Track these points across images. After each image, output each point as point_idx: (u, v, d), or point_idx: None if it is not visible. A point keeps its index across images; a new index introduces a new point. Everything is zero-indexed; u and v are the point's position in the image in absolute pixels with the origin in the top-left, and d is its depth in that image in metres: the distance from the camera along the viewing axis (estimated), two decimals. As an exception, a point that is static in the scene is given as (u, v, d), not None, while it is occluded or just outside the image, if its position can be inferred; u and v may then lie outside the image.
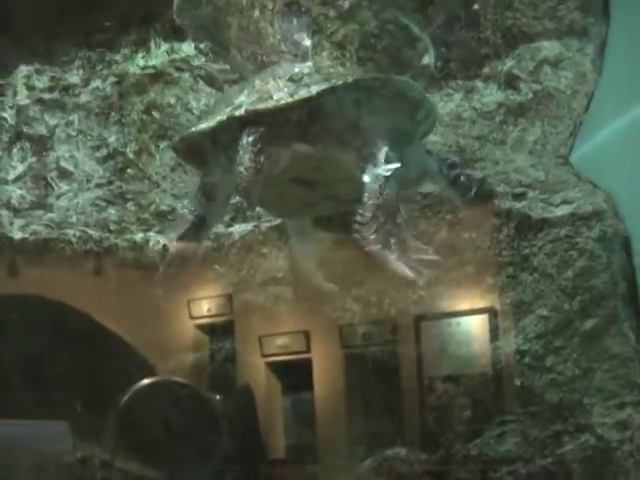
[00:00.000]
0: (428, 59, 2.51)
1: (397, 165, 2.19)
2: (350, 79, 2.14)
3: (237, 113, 2.16)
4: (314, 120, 2.16)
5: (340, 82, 2.12)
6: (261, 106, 2.14)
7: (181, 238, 2.34)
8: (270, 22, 2.36)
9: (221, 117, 2.20)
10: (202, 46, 2.81)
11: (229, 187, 2.28)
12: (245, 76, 2.45)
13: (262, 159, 2.15)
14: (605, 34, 3.00)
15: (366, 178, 2.13)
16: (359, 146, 2.21)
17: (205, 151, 2.30)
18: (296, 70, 2.21)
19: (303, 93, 2.11)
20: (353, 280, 3.27)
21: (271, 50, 2.34)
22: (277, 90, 2.16)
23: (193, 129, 2.26)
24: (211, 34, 2.58)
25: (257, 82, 2.24)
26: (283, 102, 2.12)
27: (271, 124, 2.16)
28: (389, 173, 2.15)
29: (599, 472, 2.85)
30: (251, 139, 2.16)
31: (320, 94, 2.12)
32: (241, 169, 2.16)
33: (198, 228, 2.34)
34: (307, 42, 2.33)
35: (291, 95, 2.13)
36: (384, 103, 2.23)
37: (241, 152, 2.17)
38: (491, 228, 3.08)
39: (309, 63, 2.28)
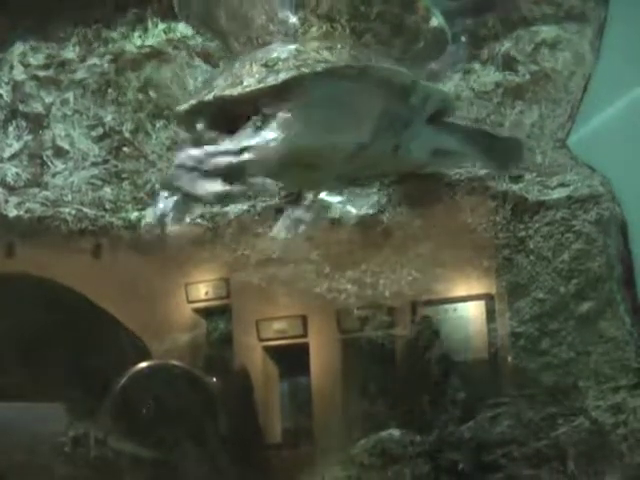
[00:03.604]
0: (436, 21, 2.46)
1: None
2: (320, 68, 2.10)
3: (206, 98, 2.16)
4: (285, 107, 2.13)
5: (308, 71, 2.08)
6: (227, 93, 2.12)
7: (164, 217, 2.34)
8: (253, 3, 2.34)
9: (193, 101, 2.20)
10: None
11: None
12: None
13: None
14: (604, 18, 3.00)
15: None
16: (339, 133, 2.20)
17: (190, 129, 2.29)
18: (274, 55, 2.18)
19: (270, 80, 2.09)
20: (350, 263, 3.28)
21: (262, 32, 2.33)
22: (249, 76, 2.13)
23: (182, 106, 2.26)
24: (209, 27, 2.57)
25: (237, 65, 2.22)
26: (248, 90, 2.10)
27: (238, 110, 2.14)
28: None
29: (593, 455, 2.84)
30: (218, 126, 2.15)
31: (286, 82, 2.09)
32: (209, 158, 2.14)
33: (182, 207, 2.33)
34: (293, 19, 2.30)
35: (259, 82, 2.10)
36: (365, 90, 2.20)
37: (207, 139, 2.16)
38: (487, 210, 3.07)
39: (293, 46, 2.24)
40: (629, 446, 2.80)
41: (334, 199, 3.16)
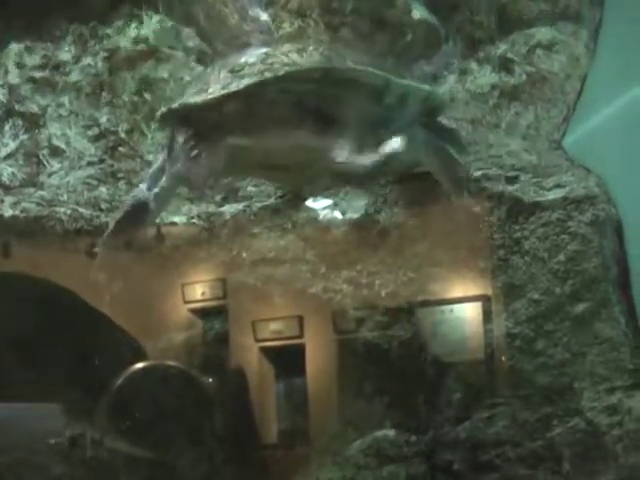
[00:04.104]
0: (419, 13, 2.44)
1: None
2: (282, 72, 2.09)
3: (173, 107, 2.16)
4: (251, 112, 2.13)
5: (270, 75, 2.08)
6: (192, 100, 2.13)
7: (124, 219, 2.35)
8: (224, 3, 2.34)
9: (163, 109, 2.21)
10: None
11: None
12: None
13: (196, 154, 2.14)
14: (599, 18, 3.00)
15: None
16: (307, 135, 2.19)
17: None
18: (242, 60, 2.18)
19: (233, 86, 2.09)
20: (346, 263, 3.28)
21: (238, 31, 2.33)
22: (215, 82, 2.14)
23: (159, 112, 2.26)
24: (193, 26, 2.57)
25: (207, 71, 2.23)
26: (211, 97, 2.10)
27: (204, 117, 2.14)
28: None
29: (588, 456, 2.84)
30: (184, 135, 2.16)
31: (248, 87, 2.09)
32: (178, 165, 2.15)
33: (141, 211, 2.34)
34: (264, 16, 2.30)
35: (223, 88, 2.10)
36: (334, 92, 2.19)
37: (176, 148, 2.16)
38: (483, 211, 3.07)
39: (265, 50, 2.23)
40: (624, 447, 2.80)
41: (330, 200, 3.17)
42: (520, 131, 3.10)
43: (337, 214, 3.26)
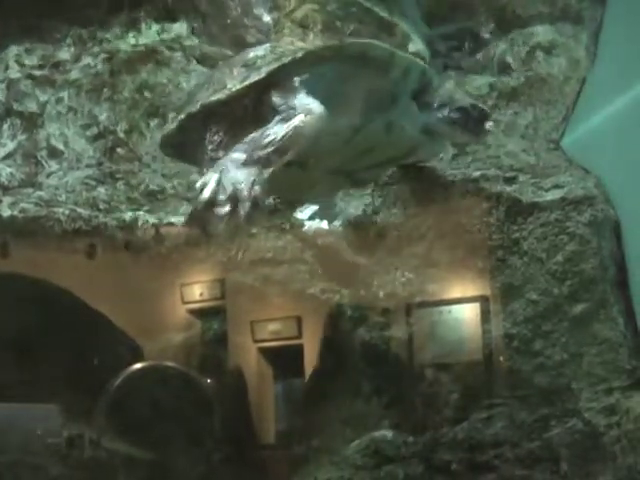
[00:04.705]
0: (414, 47, 2.48)
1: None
2: (300, 54, 2.10)
3: (193, 109, 2.16)
4: (271, 100, 2.13)
5: (289, 59, 2.08)
6: (213, 98, 2.13)
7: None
8: None
9: (181, 116, 2.21)
10: (195, 25, 2.81)
11: None
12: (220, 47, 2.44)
13: (222, 153, 2.13)
14: (600, 19, 3.00)
15: None
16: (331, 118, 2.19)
17: (186, 148, 2.30)
18: (251, 55, 2.18)
19: (253, 76, 2.09)
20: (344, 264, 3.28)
21: (237, 23, 2.33)
22: (231, 78, 2.14)
23: (169, 128, 2.26)
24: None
25: (217, 75, 2.23)
26: (234, 89, 2.10)
27: (227, 113, 2.14)
28: None
29: (586, 457, 2.84)
30: (211, 136, 2.15)
31: (271, 74, 2.09)
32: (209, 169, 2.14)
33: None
34: (267, 18, 2.31)
35: (242, 81, 2.10)
36: (346, 70, 2.20)
37: (205, 154, 2.16)
38: (481, 212, 3.07)
39: (267, 44, 2.24)
40: (622, 447, 2.80)
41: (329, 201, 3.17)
42: (519, 132, 3.11)
43: (323, 224, 3.27)
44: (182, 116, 2.21)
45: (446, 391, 3.10)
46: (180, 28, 2.85)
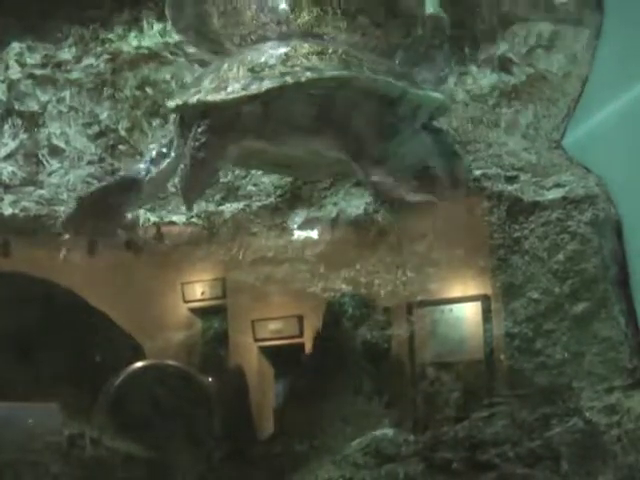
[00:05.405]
0: (432, 7, 2.43)
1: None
2: (303, 78, 2.08)
3: (190, 101, 2.15)
4: (269, 115, 2.12)
5: (292, 81, 2.07)
6: (210, 98, 2.11)
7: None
8: None
9: (179, 101, 2.20)
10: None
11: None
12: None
13: (203, 154, 2.12)
14: (600, 18, 3.00)
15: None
16: (320, 144, 2.18)
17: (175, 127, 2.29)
18: (262, 59, 2.16)
19: (253, 88, 2.07)
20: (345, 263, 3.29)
21: (254, 24, 2.31)
22: (234, 81, 2.12)
23: (169, 103, 2.25)
24: (201, 34, 2.56)
25: (225, 66, 2.21)
26: (231, 97, 2.08)
27: (220, 116, 2.13)
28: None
29: (587, 456, 2.84)
30: (198, 132, 2.14)
31: (269, 91, 2.08)
32: (184, 162, 2.14)
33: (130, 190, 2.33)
34: (283, 5, 2.29)
35: (243, 89, 2.09)
36: (349, 100, 2.18)
37: (188, 144, 2.15)
38: (483, 211, 3.07)
39: (284, 49, 2.21)
40: (623, 447, 2.80)
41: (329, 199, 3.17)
42: (520, 130, 3.10)
43: (313, 234, 3.27)
44: (179, 101, 2.20)
45: (447, 390, 3.10)
46: (181, 31, 2.85)
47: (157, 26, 2.82)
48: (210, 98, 2.11)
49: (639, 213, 2.92)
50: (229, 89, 2.10)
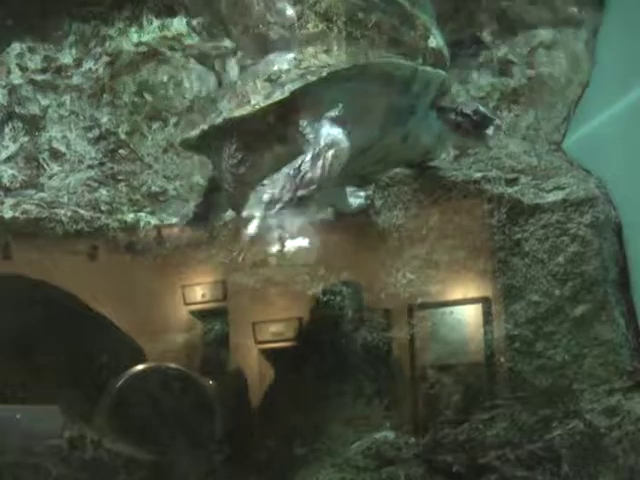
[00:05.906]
0: (435, 42, 2.47)
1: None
2: (325, 73, 2.10)
3: (217, 122, 2.16)
4: (294, 119, 2.13)
5: (314, 78, 2.08)
6: (237, 113, 2.12)
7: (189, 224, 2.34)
8: None
9: (204, 126, 2.21)
10: (195, 23, 2.81)
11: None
12: (243, 51, 2.44)
13: (243, 169, 2.13)
14: (600, 21, 3.01)
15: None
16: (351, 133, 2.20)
17: (207, 152, 2.30)
18: (275, 68, 2.18)
19: (277, 95, 2.09)
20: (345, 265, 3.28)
21: (259, 21, 2.32)
22: (254, 93, 2.14)
23: (191, 134, 2.26)
24: (208, 11, 2.57)
25: (239, 83, 2.23)
26: (258, 107, 2.10)
27: (250, 129, 2.14)
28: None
29: (587, 458, 2.84)
30: (231, 150, 2.15)
31: (294, 93, 2.09)
32: (225, 185, 2.15)
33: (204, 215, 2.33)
34: (290, 11, 2.31)
35: (266, 97, 2.10)
36: (368, 89, 2.21)
37: (223, 165, 2.16)
38: (483, 213, 3.08)
39: (292, 54, 2.23)
40: (623, 449, 2.80)
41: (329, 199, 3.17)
42: (520, 133, 3.11)
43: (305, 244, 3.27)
44: (205, 126, 2.21)
45: (447, 392, 3.10)
46: (180, 25, 2.86)
47: (156, 22, 2.83)
48: (237, 114, 2.13)
49: (639, 215, 2.92)
50: (252, 102, 2.11)
